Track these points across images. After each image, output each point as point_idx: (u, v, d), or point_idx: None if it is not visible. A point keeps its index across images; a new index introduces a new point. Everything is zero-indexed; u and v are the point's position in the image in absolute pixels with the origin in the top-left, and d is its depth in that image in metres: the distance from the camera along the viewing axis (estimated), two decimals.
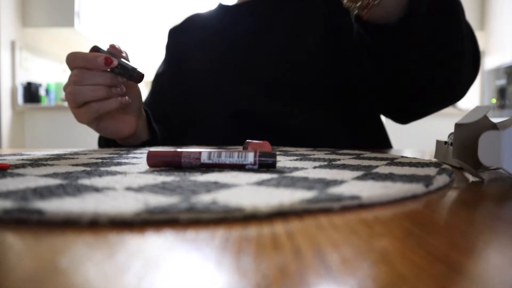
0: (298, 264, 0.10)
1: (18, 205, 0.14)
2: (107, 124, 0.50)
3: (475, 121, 0.25)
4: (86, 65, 0.43)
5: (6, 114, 2.42)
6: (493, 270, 0.10)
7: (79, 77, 0.43)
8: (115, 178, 0.22)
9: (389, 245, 0.12)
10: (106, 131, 0.51)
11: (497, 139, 0.22)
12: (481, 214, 0.16)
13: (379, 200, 0.18)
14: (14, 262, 0.10)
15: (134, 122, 0.53)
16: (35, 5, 2.56)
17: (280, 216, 0.15)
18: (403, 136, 2.65)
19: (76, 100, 0.44)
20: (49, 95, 2.71)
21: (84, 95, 0.44)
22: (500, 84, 2.77)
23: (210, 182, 0.20)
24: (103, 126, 0.50)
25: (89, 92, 0.44)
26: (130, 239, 0.12)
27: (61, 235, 0.13)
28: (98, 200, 0.15)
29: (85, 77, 0.43)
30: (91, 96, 0.44)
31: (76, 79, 0.43)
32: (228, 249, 0.11)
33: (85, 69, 0.43)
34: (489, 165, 0.23)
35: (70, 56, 0.44)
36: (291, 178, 0.22)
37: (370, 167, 0.27)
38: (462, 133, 0.27)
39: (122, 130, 0.51)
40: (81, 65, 0.43)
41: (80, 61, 0.43)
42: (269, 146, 0.35)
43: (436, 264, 0.10)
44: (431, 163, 0.30)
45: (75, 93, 0.44)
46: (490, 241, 0.12)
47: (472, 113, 0.27)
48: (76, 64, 0.44)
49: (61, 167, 0.26)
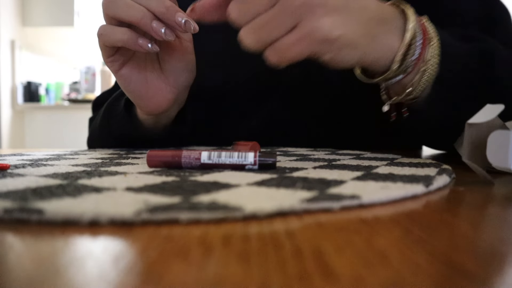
0: (298, 264, 0.10)
1: (18, 205, 0.14)
2: (131, 75, 0.39)
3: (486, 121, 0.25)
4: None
5: (6, 114, 2.41)
6: (493, 270, 0.10)
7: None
8: (115, 178, 0.22)
9: (389, 245, 0.12)
10: (128, 85, 0.40)
11: (506, 138, 0.22)
12: (481, 214, 0.16)
13: (379, 200, 0.18)
14: (14, 262, 0.10)
15: (169, 99, 0.41)
16: (35, 5, 2.56)
17: (280, 216, 0.15)
18: None
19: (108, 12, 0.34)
20: (49, 94, 2.71)
21: (122, 15, 0.34)
22: None
23: (210, 182, 0.20)
24: (126, 74, 0.39)
25: (126, 7, 0.34)
26: (130, 239, 0.12)
27: (61, 235, 0.13)
28: (98, 200, 0.15)
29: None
30: (126, 13, 0.34)
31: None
32: (228, 249, 0.11)
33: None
34: (497, 165, 0.23)
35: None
36: (291, 178, 0.22)
37: (370, 167, 0.27)
38: (472, 133, 0.26)
39: (148, 96, 0.40)
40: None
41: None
42: (259, 147, 0.35)
43: (436, 264, 0.10)
44: (431, 163, 0.30)
45: (115, 1, 0.34)
46: (490, 241, 0.12)
47: (483, 112, 0.27)
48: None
49: (61, 167, 0.26)
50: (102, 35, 0.35)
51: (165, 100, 0.41)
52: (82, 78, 2.71)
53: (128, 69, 0.39)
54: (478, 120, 0.26)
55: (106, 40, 0.36)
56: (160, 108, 0.42)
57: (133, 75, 0.39)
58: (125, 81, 0.40)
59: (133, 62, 0.39)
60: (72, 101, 2.53)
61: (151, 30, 0.34)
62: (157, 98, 0.41)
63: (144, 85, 0.40)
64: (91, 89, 2.70)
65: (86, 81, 2.71)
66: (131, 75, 0.39)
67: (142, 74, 0.40)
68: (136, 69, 0.40)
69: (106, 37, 0.35)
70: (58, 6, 2.54)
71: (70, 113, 2.51)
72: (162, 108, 0.42)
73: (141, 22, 0.33)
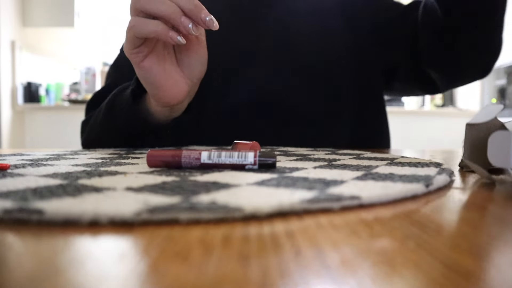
0: (298, 264, 0.10)
1: (18, 205, 0.14)
2: (152, 66, 0.41)
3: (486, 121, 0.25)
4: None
5: (6, 114, 2.41)
6: (493, 270, 0.10)
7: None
8: (115, 178, 0.22)
9: (388, 245, 0.12)
10: (150, 76, 0.41)
11: (507, 139, 0.22)
12: (481, 214, 0.16)
13: (379, 200, 0.18)
14: (14, 262, 0.10)
15: (185, 91, 0.43)
16: (35, 5, 2.56)
17: (280, 216, 0.15)
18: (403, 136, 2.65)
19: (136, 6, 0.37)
20: (49, 95, 2.71)
21: (153, 9, 0.36)
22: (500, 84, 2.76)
23: (210, 182, 0.20)
24: (148, 66, 0.40)
25: (157, 1, 0.36)
26: (130, 239, 0.12)
27: (61, 235, 0.13)
28: (98, 200, 0.15)
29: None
30: (158, 7, 0.36)
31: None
32: (228, 249, 0.11)
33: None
34: (498, 166, 0.23)
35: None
36: (291, 178, 0.22)
37: (370, 167, 0.27)
38: (472, 133, 0.26)
39: (166, 88, 0.42)
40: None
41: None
42: (259, 147, 0.35)
43: (436, 264, 0.10)
44: (431, 163, 0.30)
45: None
46: (490, 241, 0.12)
47: (482, 112, 0.27)
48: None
49: (61, 167, 0.26)
50: (135, 26, 0.37)
51: (181, 92, 0.43)
52: (82, 78, 2.71)
53: (150, 61, 0.41)
54: (478, 121, 0.26)
55: (138, 31, 0.37)
56: (176, 100, 0.43)
57: (154, 67, 0.41)
58: (146, 72, 0.41)
59: (154, 54, 0.41)
60: (72, 102, 2.53)
61: (180, 24, 0.36)
62: (175, 90, 0.42)
63: (163, 76, 0.41)
64: (91, 90, 2.70)
65: (86, 82, 2.71)
66: (152, 66, 0.41)
67: (162, 66, 0.41)
68: (157, 61, 0.41)
69: (139, 28, 0.37)
70: (58, 7, 2.55)
71: (70, 113, 2.51)
72: (178, 100, 0.43)
73: (172, 16, 0.36)
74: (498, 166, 0.23)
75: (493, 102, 2.87)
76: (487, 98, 2.94)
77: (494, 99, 2.86)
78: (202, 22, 0.36)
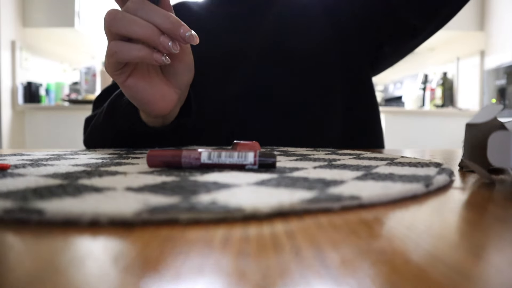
0: (298, 264, 0.10)
1: (18, 205, 0.14)
2: (137, 83, 0.40)
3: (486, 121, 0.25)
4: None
5: (6, 114, 2.42)
6: (493, 270, 0.10)
7: (134, 7, 0.35)
8: (115, 178, 0.22)
9: (388, 245, 0.12)
10: (135, 93, 0.40)
11: (507, 139, 0.22)
12: (481, 214, 0.16)
13: (379, 200, 0.18)
14: (14, 262, 0.10)
15: (174, 100, 0.43)
16: (35, 5, 2.56)
17: (280, 216, 0.15)
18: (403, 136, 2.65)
19: (115, 31, 0.35)
20: (49, 95, 2.71)
21: (130, 32, 0.34)
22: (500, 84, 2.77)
23: (210, 182, 0.20)
24: (132, 84, 0.40)
25: (133, 24, 0.34)
26: (130, 239, 0.12)
27: (61, 235, 0.13)
28: (98, 200, 0.15)
29: (139, 9, 0.35)
30: (135, 31, 0.34)
31: (131, 7, 0.35)
32: (228, 249, 0.11)
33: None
34: (498, 166, 0.23)
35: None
36: (291, 178, 0.22)
37: (370, 167, 0.27)
38: (472, 133, 0.26)
39: (154, 101, 0.41)
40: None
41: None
42: (259, 147, 0.35)
43: (436, 264, 0.10)
44: (431, 163, 0.30)
45: (120, 18, 0.34)
46: (490, 241, 0.12)
47: (482, 112, 0.27)
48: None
49: (61, 167, 0.26)
50: (117, 53, 0.36)
51: (170, 101, 0.43)
52: (82, 78, 2.71)
53: (134, 78, 0.40)
54: (477, 121, 0.26)
55: (121, 57, 0.36)
56: (167, 110, 0.43)
57: (139, 83, 0.40)
58: (131, 90, 0.40)
59: (137, 71, 0.40)
60: (72, 102, 2.53)
61: (159, 45, 0.35)
62: (163, 101, 0.42)
63: (150, 91, 0.41)
64: (91, 90, 2.70)
65: (86, 82, 2.71)
66: (137, 83, 0.40)
67: (147, 81, 0.41)
68: (141, 77, 0.40)
69: (122, 54, 0.36)
70: (58, 7, 2.55)
71: (70, 113, 2.51)
72: (168, 110, 0.43)
73: (150, 38, 0.34)
74: (498, 166, 0.23)
75: (493, 102, 2.87)
76: (487, 98, 2.94)
77: (494, 99, 2.86)
78: (181, 39, 0.35)
